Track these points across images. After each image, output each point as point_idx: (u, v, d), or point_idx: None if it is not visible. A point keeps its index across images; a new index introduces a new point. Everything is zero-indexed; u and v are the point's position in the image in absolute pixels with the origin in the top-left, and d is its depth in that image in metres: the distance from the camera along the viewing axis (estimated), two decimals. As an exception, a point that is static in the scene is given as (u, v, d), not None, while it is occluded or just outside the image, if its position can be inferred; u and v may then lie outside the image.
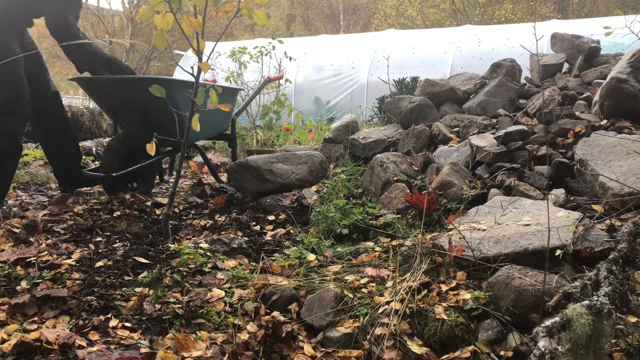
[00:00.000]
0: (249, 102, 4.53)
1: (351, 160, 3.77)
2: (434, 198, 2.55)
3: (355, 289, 2.05)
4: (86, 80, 3.41)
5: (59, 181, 3.57)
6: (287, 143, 5.67)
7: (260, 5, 2.34)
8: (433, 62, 10.06)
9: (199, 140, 4.39)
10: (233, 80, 6.89)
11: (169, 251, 2.34)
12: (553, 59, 4.43)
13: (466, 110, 4.01)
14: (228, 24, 2.79)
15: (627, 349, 1.63)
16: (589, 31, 5.92)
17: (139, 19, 2.29)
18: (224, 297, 2.00)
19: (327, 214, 2.67)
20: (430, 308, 1.88)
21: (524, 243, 2.05)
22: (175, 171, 3.54)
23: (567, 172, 2.73)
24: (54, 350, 1.60)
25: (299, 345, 1.81)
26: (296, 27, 26.30)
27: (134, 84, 3.30)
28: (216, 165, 4.68)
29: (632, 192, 2.28)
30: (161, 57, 16.85)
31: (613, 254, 1.71)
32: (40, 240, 2.44)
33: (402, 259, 2.23)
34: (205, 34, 2.35)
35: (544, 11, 19.30)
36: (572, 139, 3.04)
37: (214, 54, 3.04)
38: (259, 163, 3.43)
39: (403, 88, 5.21)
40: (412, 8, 22.35)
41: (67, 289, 1.98)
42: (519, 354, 1.71)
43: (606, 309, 1.49)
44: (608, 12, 19.47)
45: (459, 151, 3.24)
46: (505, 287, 1.86)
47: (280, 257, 2.40)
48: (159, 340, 1.75)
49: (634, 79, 3.09)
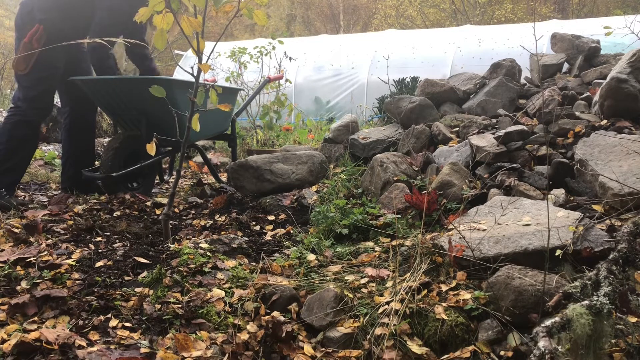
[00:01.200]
0: (249, 102, 4.53)
1: (351, 160, 3.77)
2: (434, 198, 2.55)
3: (355, 289, 2.05)
4: (87, 80, 3.41)
5: (68, 184, 3.60)
6: (287, 143, 5.67)
7: (260, 6, 2.34)
8: (433, 62, 10.06)
9: (199, 140, 4.39)
10: (233, 81, 6.89)
11: (169, 251, 2.34)
12: (553, 59, 4.43)
13: (466, 110, 4.01)
14: (228, 24, 2.79)
15: (627, 349, 1.63)
16: (589, 31, 5.92)
17: (139, 19, 2.29)
18: (224, 297, 2.00)
19: (327, 214, 2.67)
20: (430, 308, 1.88)
21: (524, 243, 2.05)
22: (175, 171, 3.54)
23: (567, 172, 2.73)
24: (54, 350, 1.60)
25: (299, 345, 1.81)
26: (296, 27, 26.29)
27: (134, 84, 3.30)
28: (216, 165, 4.68)
29: (632, 192, 2.28)
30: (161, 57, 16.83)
31: (613, 254, 1.71)
32: (40, 240, 2.44)
33: (402, 259, 2.23)
34: (205, 34, 2.35)
35: (544, 11, 19.30)
36: (572, 139, 3.04)
37: (214, 54, 3.05)
38: (259, 163, 3.43)
39: (403, 88, 5.21)
40: (412, 8, 22.34)
41: (67, 289, 1.98)
42: (519, 354, 1.71)
43: (606, 309, 1.49)
44: (608, 12, 19.47)
45: (459, 151, 3.24)
46: (505, 287, 1.86)
47: (280, 257, 2.40)
48: (159, 340, 1.75)
49: (634, 79, 3.09)
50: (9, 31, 21.89)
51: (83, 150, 3.62)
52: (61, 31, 3.20)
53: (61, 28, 3.21)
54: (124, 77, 3.32)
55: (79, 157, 3.58)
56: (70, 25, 3.26)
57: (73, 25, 3.27)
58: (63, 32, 3.18)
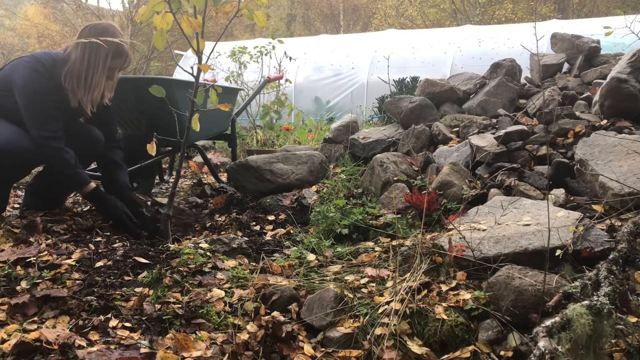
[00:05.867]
0: (249, 102, 4.53)
1: (351, 160, 3.77)
2: (434, 198, 2.55)
3: (355, 289, 2.05)
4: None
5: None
6: (287, 143, 5.67)
7: (260, 6, 2.33)
8: (433, 62, 10.07)
9: (199, 140, 4.39)
10: (233, 80, 6.89)
11: (169, 251, 2.34)
12: (553, 59, 4.43)
13: (466, 110, 4.01)
14: (228, 24, 2.79)
15: (627, 349, 1.63)
16: (589, 31, 5.92)
17: (139, 19, 2.29)
18: (224, 297, 1.99)
19: (327, 214, 2.67)
20: (430, 308, 1.88)
21: (524, 243, 2.05)
22: (175, 171, 3.54)
23: (567, 172, 2.73)
24: (54, 350, 1.60)
25: (299, 345, 1.81)
26: (296, 27, 26.30)
27: (134, 84, 3.30)
28: (216, 165, 4.68)
29: (632, 192, 2.28)
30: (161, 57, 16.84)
31: (613, 254, 1.71)
32: (40, 240, 2.44)
33: (402, 259, 2.23)
34: (205, 33, 2.35)
35: (544, 11, 19.30)
36: (572, 139, 3.04)
37: (214, 54, 3.05)
38: (259, 163, 3.43)
39: (403, 88, 5.22)
40: (412, 8, 22.35)
41: (67, 289, 1.98)
42: (519, 354, 1.71)
43: (606, 309, 1.49)
44: (608, 12, 19.47)
45: (459, 151, 3.24)
46: (505, 287, 1.86)
47: (280, 257, 2.40)
48: (159, 340, 1.75)
49: (634, 79, 3.09)
50: (9, 31, 21.92)
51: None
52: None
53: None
54: (124, 77, 3.31)
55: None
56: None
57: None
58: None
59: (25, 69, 2.66)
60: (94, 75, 2.68)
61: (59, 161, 2.67)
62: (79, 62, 2.67)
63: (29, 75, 2.64)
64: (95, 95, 2.74)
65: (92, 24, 2.79)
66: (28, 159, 2.69)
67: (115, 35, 2.65)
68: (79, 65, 2.67)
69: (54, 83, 2.66)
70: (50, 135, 2.64)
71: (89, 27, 2.74)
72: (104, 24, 2.75)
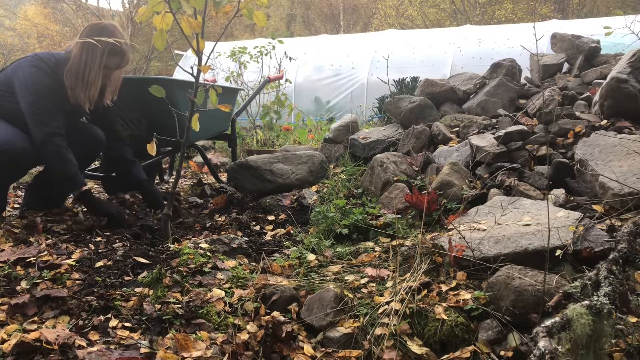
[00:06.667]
0: (249, 102, 4.53)
1: (351, 160, 3.77)
2: (434, 198, 2.55)
3: (355, 289, 2.05)
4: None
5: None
6: (287, 143, 5.67)
7: (260, 6, 2.34)
8: (433, 62, 10.08)
9: (199, 140, 4.39)
10: (233, 80, 6.89)
11: (169, 251, 2.34)
12: (553, 59, 4.43)
13: (466, 110, 4.01)
14: (228, 24, 2.79)
15: (627, 349, 1.63)
16: (589, 31, 5.91)
17: (139, 19, 2.29)
18: (223, 297, 1.99)
19: (327, 214, 2.67)
20: (430, 308, 1.88)
21: (524, 243, 2.05)
22: (175, 171, 3.54)
23: (567, 172, 2.73)
24: (54, 350, 1.60)
25: (299, 345, 1.81)
26: (296, 27, 26.31)
27: (134, 84, 3.30)
28: (216, 165, 4.68)
29: (632, 192, 2.28)
30: (161, 57, 16.86)
31: (613, 254, 1.71)
32: (40, 240, 2.44)
33: (402, 259, 2.23)
34: (205, 33, 2.35)
35: (544, 11, 19.30)
36: (572, 139, 3.04)
37: (214, 54, 3.04)
38: (259, 163, 3.43)
39: (403, 88, 5.21)
40: (412, 8, 22.35)
41: (67, 289, 1.98)
42: (519, 354, 1.71)
43: (606, 309, 1.49)
44: (608, 12, 19.48)
45: (459, 151, 3.24)
46: (505, 287, 1.86)
47: (280, 257, 2.39)
48: (159, 340, 1.74)
49: (634, 79, 3.09)
50: (9, 31, 21.92)
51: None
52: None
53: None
54: (124, 77, 3.31)
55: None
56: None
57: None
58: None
59: (29, 67, 2.69)
60: (90, 71, 2.71)
61: (62, 158, 2.68)
62: (77, 60, 2.71)
63: (33, 73, 2.68)
64: (92, 92, 2.76)
65: (93, 24, 2.82)
66: (25, 159, 2.70)
67: (115, 34, 2.68)
68: (77, 62, 2.71)
69: (57, 82, 2.69)
70: (54, 131, 2.67)
71: (89, 27, 2.77)
72: (104, 23, 2.79)
